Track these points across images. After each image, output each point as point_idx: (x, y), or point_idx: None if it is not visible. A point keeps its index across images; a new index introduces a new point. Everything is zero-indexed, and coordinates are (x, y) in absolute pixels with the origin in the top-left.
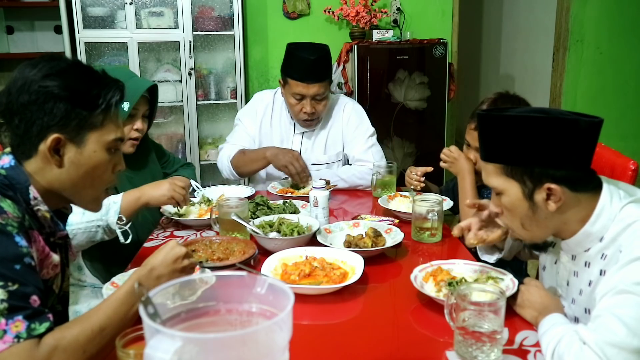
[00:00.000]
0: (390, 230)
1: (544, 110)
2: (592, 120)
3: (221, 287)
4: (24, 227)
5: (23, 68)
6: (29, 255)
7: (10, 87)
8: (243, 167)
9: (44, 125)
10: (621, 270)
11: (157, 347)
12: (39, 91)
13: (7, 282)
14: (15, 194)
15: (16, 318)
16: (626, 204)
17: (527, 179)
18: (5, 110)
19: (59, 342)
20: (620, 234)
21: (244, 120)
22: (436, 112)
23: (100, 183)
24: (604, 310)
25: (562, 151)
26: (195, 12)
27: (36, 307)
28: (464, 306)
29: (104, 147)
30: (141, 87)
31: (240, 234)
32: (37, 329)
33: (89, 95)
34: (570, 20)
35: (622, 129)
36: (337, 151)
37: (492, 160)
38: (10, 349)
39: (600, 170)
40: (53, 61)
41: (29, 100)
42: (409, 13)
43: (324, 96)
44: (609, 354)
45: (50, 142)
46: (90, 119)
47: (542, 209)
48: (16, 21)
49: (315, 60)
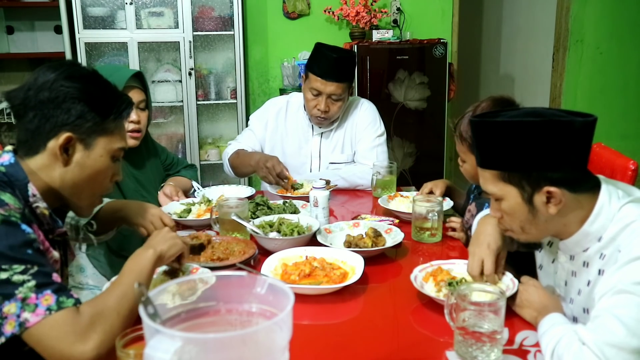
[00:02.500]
0: (390, 230)
1: (537, 113)
2: (587, 119)
3: (221, 287)
4: (26, 218)
5: (44, 69)
6: (36, 241)
7: (29, 85)
8: (237, 169)
9: (58, 123)
10: (620, 270)
11: (157, 347)
12: (60, 90)
13: (27, 265)
14: (14, 190)
15: (45, 292)
16: (625, 204)
17: (525, 184)
18: (21, 105)
19: (95, 309)
20: (619, 233)
21: (254, 123)
22: (436, 112)
23: (99, 188)
24: (603, 310)
25: (559, 153)
26: (195, 12)
27: (60, 283)
28: (464, 306)
29: (109, 154)
30: (124, 76)
31: (240, 234)
32: (66, 303)
33: (105, 102)
34: (570, 20)
35: (622, 129)
36: (353, 150)
37: (488, 166)
38: (49, 319)
39: (600, 170)
40: (75, 66)
41: (48, 97)
42: (409, 13)
43: (340, 97)
44: (608, 354)
45: (63, 140)
46: (103, 125)
47: (542, 212)
48: (16, 21)
49: (337, 58)
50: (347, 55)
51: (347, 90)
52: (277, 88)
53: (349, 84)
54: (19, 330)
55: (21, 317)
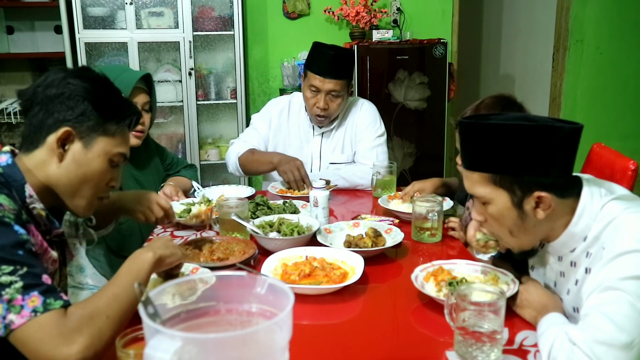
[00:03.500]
0: (390, 230)
1: (529, 118)
2: (575, 126)
3: (221, 287)
4: (20, 219)
5: (56, 69)
6: (29, 242)
7: (38, 82)
8: (249, 166)
9: (60, 119)
10: (605, 267)
11: (157, 347)
12: (67, 87)
13: (16, 266)
14: (10, 191)
15: (32, 294)
16: (607, 202)
17: (516, 188)
18: (28, 100)
19: (83, 311)
20: (602, 231)
21: (257, 123)
22: (436, 112)
23: (93, 191)
24: (591, 308)
25: (549, 158)
26: (195, 12)
27: (50, 284)
28: (464, 306)
29: (107, 156)
30: (134, 77)
31: (240, 234)
32: (53, 305)
33: (110, 104)
34: (570, 20)
35: (622, 129)
36: (354, 151)
37: (478, 169)
38: (34, 321)
39: (600, 170)
40: (86, 70)
41: (55, 93)
42: (409, 13)
43: (339, 94)
44: (598, 352)
45: (61, 133)
46: (104, 125)
47: (531, 217)
48: (16, 21)
49: (334, 55)
50: (345, 53)
51: (346, 87)
52: (277, 88)
53: (348, 81)
54: (4, 332)
55: (7, 318)
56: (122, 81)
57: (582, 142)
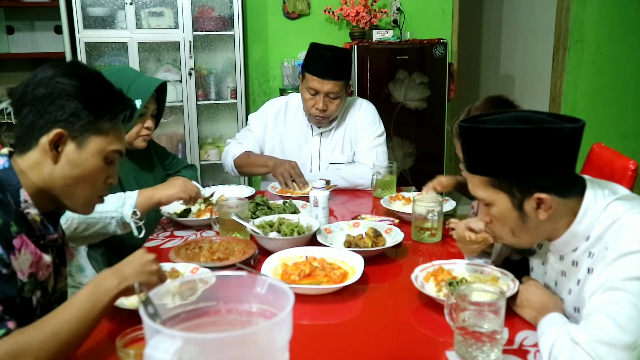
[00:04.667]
0: (390, 230)
1: (526, 118)
2: (576, 125)
3: (221, 287)
4: (4, 235)
5: (46, 67)
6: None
7: (28, 81)
8: (245, 168)
9: (51, 119)
10: (608, 267)
11: (157, 347)
12: (55, 86)
13: None
14: (5, 196)
15: None
16: (611, 202)
17: (515, 191)
18: (18, 100)
19: (10, 347)
20: (605, 231)
21: (252, 124)
22: (436, 112)
23: (90, 189)
24: (594, 308)
25: (549, 160)
26: (195, 12)
27: None
28: (464, 306)
29: (102, 155)
30: (152, 84)
31: (240, 234)
32: None
33: (101, 102)
34: (570, 20)
35: (622, 129)
36: (353, 151)
37: (477, 172)
38: None
39: (600, 170)
40: (76, 65)
41: (44, 93)
42: (409, 13)
43: (338, 95)
44: (600, 352)
45: (53, 135)
46: (97, 124)
47: (532, 217)
48: (16, 21)
49: (332, 57)
50: (343, 54)
51: (345, 88)
52: (277, 88)
53: (346, 82)
54: None
55: None
56: (138, 88)
57: (582, 142)
